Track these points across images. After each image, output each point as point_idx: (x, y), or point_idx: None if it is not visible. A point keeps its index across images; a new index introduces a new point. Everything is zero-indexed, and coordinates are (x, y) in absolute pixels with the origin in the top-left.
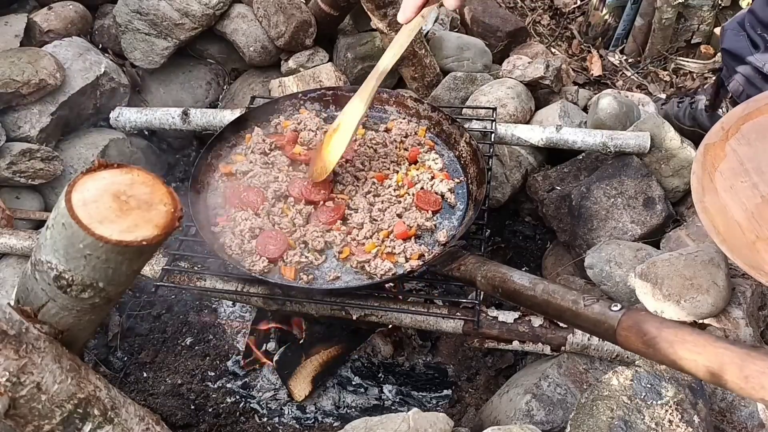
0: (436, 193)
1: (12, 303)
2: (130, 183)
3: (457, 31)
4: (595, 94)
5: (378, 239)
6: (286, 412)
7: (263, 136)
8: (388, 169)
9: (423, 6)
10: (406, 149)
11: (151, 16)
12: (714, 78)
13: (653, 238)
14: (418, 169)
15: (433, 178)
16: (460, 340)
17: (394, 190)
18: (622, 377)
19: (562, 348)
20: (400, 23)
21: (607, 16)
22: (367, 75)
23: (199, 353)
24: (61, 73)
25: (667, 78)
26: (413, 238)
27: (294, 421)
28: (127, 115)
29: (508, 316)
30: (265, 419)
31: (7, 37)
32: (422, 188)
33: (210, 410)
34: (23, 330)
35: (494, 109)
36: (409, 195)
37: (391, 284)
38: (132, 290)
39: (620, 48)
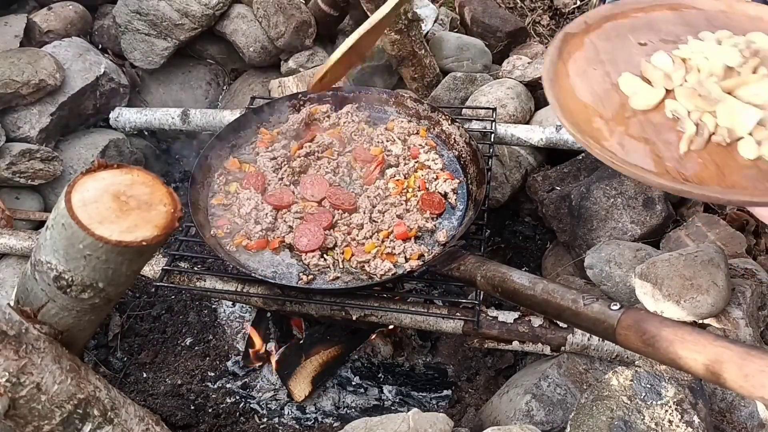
0: (440, 193)
1: (12, 303)
2: (130, 183)
3: (456, 32)
4: None
5: (378, 239)
6: (286, 413)
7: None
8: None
9: None
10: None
11: (150, 16)
12: None
13: (653, 238)
14: (422, 169)
15: (437, 178)
16: (459, 341)
17: (400, 194)
18: (622, 377)
19: (562, 348)
20: None
21: None
22: (367, 75)
23: (199, 353)
24: (61, 73)
25: None
26: (413, 238)
27: (294, 422)
28: (126, 116)
29: (508, 316)
30: (265, 419)
31: (7, 37)
32: (427, 189)
33: (210, 410)
34: (23, 330)
35: (494, 109)
36: (415, 197)
37: (391, 284)
38: (132, 290)
39: None
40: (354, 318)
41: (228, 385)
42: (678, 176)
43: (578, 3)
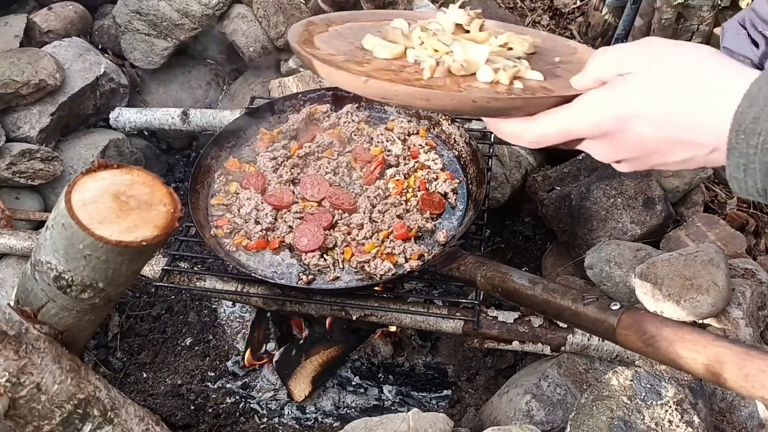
0: (440, 193)
1: (12, 303)
2: (130, 183)
3: None
4: None
5: (378, 240)
6: (286, 413)
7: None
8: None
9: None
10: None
11: (150, 16)
12: None
13: (653, 238)
14: (422, 169)
15: (436, 178)
16: (459, 341)
17: (400, 194)
18: (622, 377)
19: (562, 348)
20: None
21: (606, 16)
22: None
23: (199, 353)
24: (61, 73)
25: None
26: (413, 238)
27: (294, 422)
28: (126, 116)
29: (507, 316)
30: (265, 419)
31: (7, 37)
32: (427, 189)
33: (210, 410)
34: (23, 330)
35: None
36: (415, 197)
37: (391, 284)
38: (132, 290)
39: None
40: (354, 318)
41: (228, 385)
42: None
43: (578, 3)
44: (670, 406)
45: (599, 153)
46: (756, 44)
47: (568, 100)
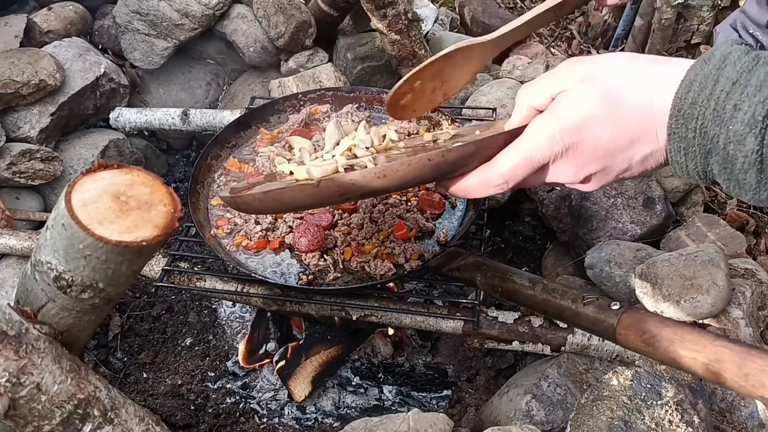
0: (439, 193)
1: (12, 303)
2: (130, 183)
3: (456, 32)
4: None
5: (378, 240)
6: (286, 413)
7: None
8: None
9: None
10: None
11: (150, 16)
12: None
13: (653, 238)
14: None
15: None
16: (459, 341)
17: (400, 194)
18: (622, 377)
19: (562, 348)
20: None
21: (606, 17)
22: (368, 75)
23: (199, 354)
24: (61, 73)
25: None
26: (413, 238)
27: (294, 422)
28: (126, 116)
29: (507, 317)
30: (265, 420)
31: (6, 37)
32: (427, 189)
33: (210, 411)
34: (23, 331)
35: (494, 109)
36: (415, 197)
37: (391, 284)
38: (132, 290)
39: (620, 48)
40: (354, 318)
41: (228, 386)
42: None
43: None
44: (670, 406)
45: (566, 173)
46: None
47: (515, 135)
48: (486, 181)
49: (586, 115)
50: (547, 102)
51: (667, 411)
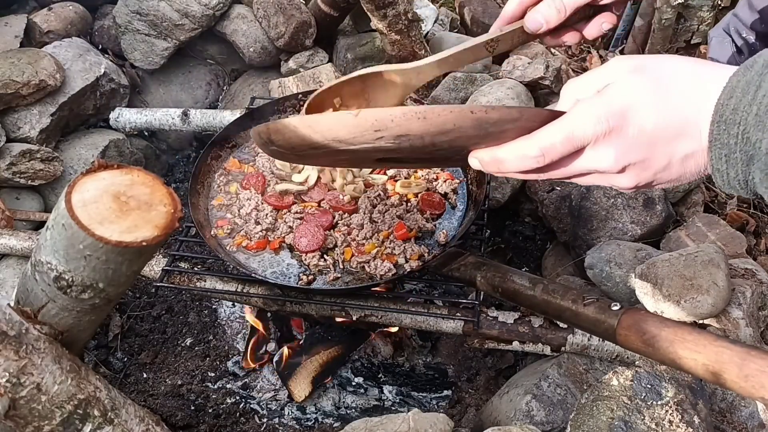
0: (440, 193)
1: (12, 304)
2: (130, 183)
3: (456, 32)
4: None
5: (378, 240)
6: (286, 413)
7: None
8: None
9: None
10: None
11: (150, 16)
12: None
13: (653, 238)
14: (423, 169)
15: (436, 178)
16: (460, 341)
17: (400, 194)
18: (622, 377)
19: (562, 348)
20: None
21: None
22: None
23: (199, 354)
24: (61, 73)
25: None
26: (413, 238)
27: (294, 422)
28: (126, 116)
29: (508, 317)
30: (265, 420)
31: (7, 37)
32: (427, 189)
33: (210, 411)
34: (23, 331)
35: None
36: (415, 198)
37: (391, 285)
38: (132, 291)
39: (620, 48)
40: (354, 318)
41: (228, 386)
42: None
43: None
44: (671, 407)
45: (606, 158)
46: (740, 52)
47: (559, 116)
48: (523, 151)
49: (634, 101)
50: (592, 95)
51: (667, 411)
